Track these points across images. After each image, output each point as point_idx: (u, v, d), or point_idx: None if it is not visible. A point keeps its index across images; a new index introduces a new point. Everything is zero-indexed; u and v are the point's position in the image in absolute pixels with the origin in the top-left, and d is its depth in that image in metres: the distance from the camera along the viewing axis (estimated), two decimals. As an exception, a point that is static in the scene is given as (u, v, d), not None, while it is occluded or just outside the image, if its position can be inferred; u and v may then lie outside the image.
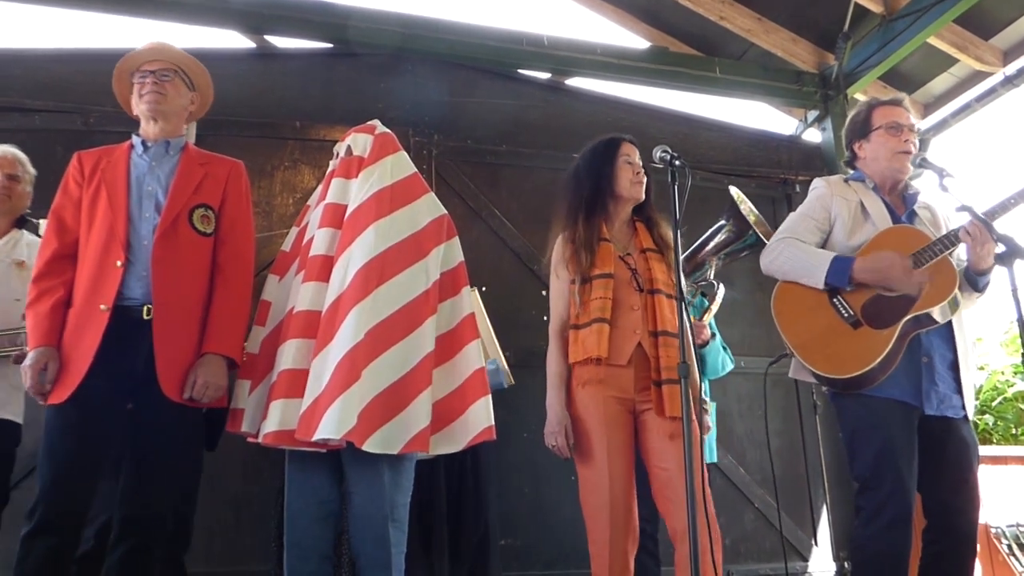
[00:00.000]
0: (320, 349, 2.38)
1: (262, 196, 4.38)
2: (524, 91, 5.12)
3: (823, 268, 2.55)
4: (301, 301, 2.46)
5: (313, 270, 2.48)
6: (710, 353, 3.37)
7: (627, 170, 2.72)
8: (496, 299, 4.25)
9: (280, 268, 2.61)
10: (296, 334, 2.41)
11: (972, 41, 5.11)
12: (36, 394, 2.35)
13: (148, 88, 2.60)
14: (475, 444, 2.59)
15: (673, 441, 2.44)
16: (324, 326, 2.40)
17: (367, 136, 2.71)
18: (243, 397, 2.45)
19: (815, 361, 2.54)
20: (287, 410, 2.33)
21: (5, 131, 3.60)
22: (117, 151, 2.60)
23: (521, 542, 4.29)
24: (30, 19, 15.92)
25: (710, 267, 3.45)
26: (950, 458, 2.49)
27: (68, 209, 2.51)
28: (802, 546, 4.77)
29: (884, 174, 2.71)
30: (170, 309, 2.41)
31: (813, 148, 5.65)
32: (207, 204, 2.55)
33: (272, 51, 4.76)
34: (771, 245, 2.70)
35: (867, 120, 2.75)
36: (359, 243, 2.49)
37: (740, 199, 3.34)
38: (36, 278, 2.44)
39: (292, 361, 2.38)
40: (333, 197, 2.59)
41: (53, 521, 2.26)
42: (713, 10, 5.32)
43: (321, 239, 2.51)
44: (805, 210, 2.74)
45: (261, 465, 3.78)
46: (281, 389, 2.37)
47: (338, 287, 2.44)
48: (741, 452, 4.84)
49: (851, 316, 2.53)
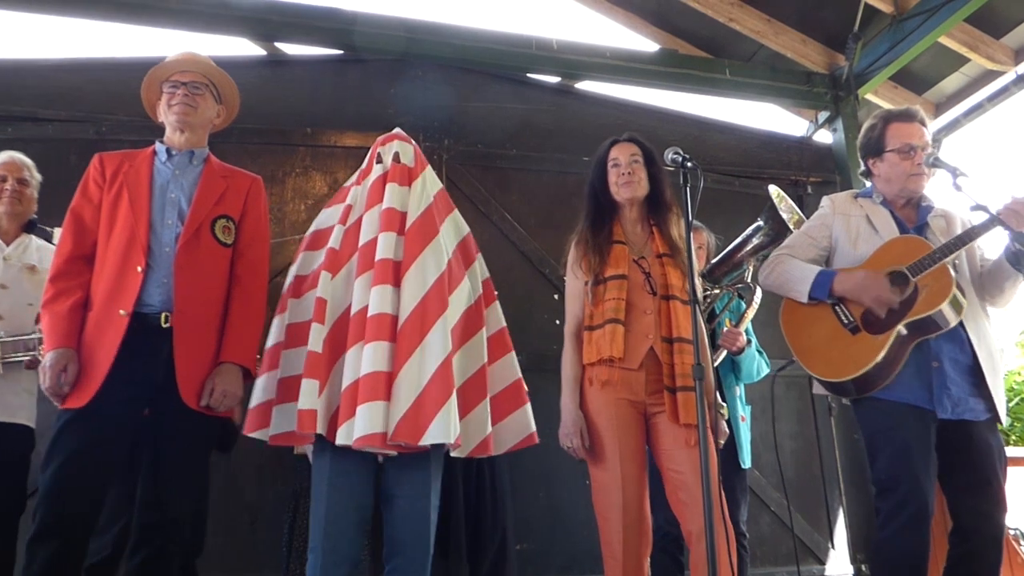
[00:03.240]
0: (408, 354, 2.38)
1: (274, 203, 4.39)
2: (534, 95, 5.13)
3: (808, 282, 2.68)
4: (374, 304, 2.44)
5: (381, 273, 2.47)
6: (745, 360, 3.32)
7: (613, 173, 2.74)
8: (507, 303, 4.20)
9: (333, 266, 2.57)
10: (374, 336, 2.40)
11: (983, 40, 5.09)
12: (53, 395, 2.33)
13: (179, 99, 2.61)
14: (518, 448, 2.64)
15: (687, 445, 2.44)
16: (409, 332, 2.41)
17: (409, 145, 2.74)
18: (312, 397, 2.40)
19: (815, 366, 2.65)
20: (373, 412, 2.32)
21: (19, 140, 3.63)
22: (140, 156, 2.60)
23: (536, 546, 4.28)
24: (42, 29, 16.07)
25: (748, 268, 3.42)
26: (973, 461, 2.48)
27: (87, 210, 2.51)
28: (819, 549, 4.74)
29: (896, 195, 2.74)
30: (190, 317, 2.42)
31: (824, 149, 5.63)
32: (228, 215, 2.59)
33: (282, 58, 4.79)
34: (768, 261, 2.85)
35: (881, 138, 2.76)
36: (431, 254, 2.51)
37: (780, 198, 3.29)
38: (53, 277, 2.43)
39: (373, 364, 2.37)
40: (393, 202, 2.58)
41: (55, 524, 2.23)
42: (722, 12, 5.32)
43: (386, 243, 2.51)
44: (806, 228, 2.87)
45: (275, 470, 3.79)
46: (365, 392, 2.35)
47: (418, 295, 2.45)
48: (756, 455, 4.79)
49: (851, 322, 2.61)
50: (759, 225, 3.35)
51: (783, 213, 3.23)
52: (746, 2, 5.34)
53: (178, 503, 2.41)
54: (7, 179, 3.05)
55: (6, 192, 3.04)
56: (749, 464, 3.40)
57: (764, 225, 3.32)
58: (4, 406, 2.83)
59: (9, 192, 3.04)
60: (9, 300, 2.91)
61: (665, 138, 4.76)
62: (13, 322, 2.86)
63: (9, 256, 2.99)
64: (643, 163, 2.74)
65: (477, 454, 2.50)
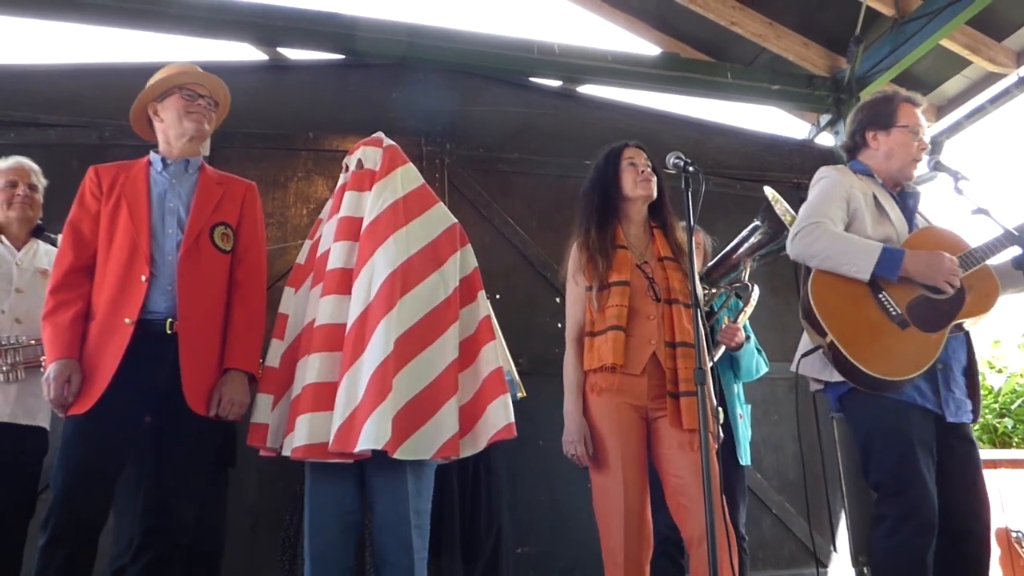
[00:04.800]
0: (351, 362, 2.40)
1: (276, 208, 4.40)
2: (535, 99, 5.13)
3: (871, 258, 2.40)
4: (322, 315, 2.48)
5: (332, 283, 2.51)
6: (744, 356, 3.32)
7: (631, 171, 2.74)
8: (509, 306, 4.26)
9: (296, 281, 2.63)
10: (320, 347, 2.43)
11: (985, 43, 5.08)
12: (58, 406, 2.37)
13: (199, 109, 2.66)
14: (495, 442, 2.60)
15: (689, 449, 2.44)
16: (353, 339, 2.43)
17: (376, 149, 2.74)
18: (265, 411, 2.46)
19: (863, 357, 2.37)
20: (315, 423, 2.35)
21: (21, 146, 3.64)
22: (135, 167, 2.63)
23: (538, 550, 4.28)
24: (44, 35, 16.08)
25: (745, 268, 3.42)
26: (963, 462, 2.45)
27: (85, 222, 2.54)
28: (821, 552, 4.73)
29: (892, 174, 2.67)
30: (194, 323, 2.45)
31: (826, 152, 5.63)
32: (226, 223, 2.62)
33: (284, 63, 4.79)
34: (804, 228, 2.51)
35: (893, 114, 2.66)
36: (381, 255, 2.51)
37: (775, 199, 3.28)
38: (53, 289, 2.47)
39: (317, 375, 2.40)
40: (347, 210, 2.61)
41: (68, 531, 2.27)
42: (724, 15, 5.32)
43: (338, 252, 2.54)
44: (828, 195, 2.56)
45: (276, 476, 3.79)
46: (307, 403, 2.38)
47: (364, 300, 2.46)
48: (758, 457, 4.80)
49: (898, 315, 2.42)
50: (756, 225, 3.36)
51: (779, 213, 3.24)
52: (747, 5, 5.35)
53: (184, 508, 2.42)
54: (18, 184, 3.09)
55: (18, 198, 3.07)
56: (748, 461, 3.38)
57: (761, 224, 3.33)
58: (25, 409, 2.87)
59: (21, 198, 3.08)
60: (26, 304, 2.95)
61: (667, 142, 4.75)
62: (31, 325, 2.89)
63: (21, 261, 3.03)
64: (651, 169, 2.76)
65: (442, 455, 2.46)
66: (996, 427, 7.11)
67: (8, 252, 3.03)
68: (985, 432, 7.09)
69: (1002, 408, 7.28)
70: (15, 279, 2.98)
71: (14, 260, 3.01)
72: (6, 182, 3.08)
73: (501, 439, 2.59)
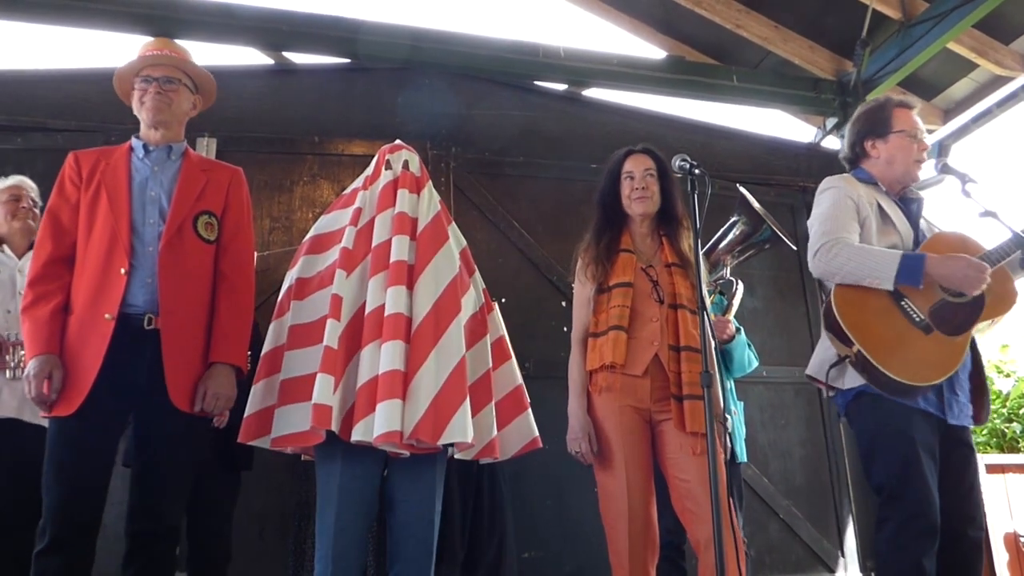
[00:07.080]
0: (425, 355, 2.40)
1: (282, 211, 4.41)
2: (540, 102, 5.13)
3: (892, 267, 2.40)
4: (391, 304, 2.45)
5: (398, 275, 2.49)
6: (736, 348, 3.30)
7: (626, 186, 2.74)
8: (515, 310, 4.25)
9: (348, 265, 2.58)
10: (391, 336, 2.41)
11: (992, 46, 5.08)
12: (40, 403, 2.28)
13: (151, 96, 2.53)
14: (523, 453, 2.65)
15: (694, 453, 2.44)
16: (424, 332, 2.43)
17: (416, 157, 2.78)
18: (327, 392, 2.39)
19: (892, 365, 2.36)
20: (393, 411, 2.32)
21: (29, 151, 3.66)
22: (116, 153, 2.53)
23: (544, 554, 4.27)
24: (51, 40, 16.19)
25: (725, 266, 3.43)
26: (961, 466, 2.45)
27: (64, 210, 2.43)
28: (828, 557, 4.71)
29: (895, 179, 2.65)
30: (177, 317, 2.36)
31: (832, 155, 5.60)
32: (210, 211, 2.51)
33: (290, 67, 4.81)
34: (823, 247, 2.49)
35: (888, 120, 2.67)
36: (443, 258, 2.56)
37: (749, 196, 3.32)
38: (32, 281, 2.37)
39: (392, 362, 2.38)
40: (405, 207, 2.61)
41: (65, 539, 2.20)
42: (729, 19, 5.32)
43: (400, 246, 2.53)
44: (840, 207, 2.55)
45: (283, 479, 3.79)
46: (386, 390, 2.35)
47: (432, 295, 2.49)
48: (764, 462, 4.79)
49: (922, 321, 2.42)
50: (734, 220, 3.35)
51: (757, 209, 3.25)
52: (753, 8, 5.34)
53: (171, 510, 2.34)
54: (22, 198, 3.27)
55: (22, 210, 3.25)
56: (744, 458, 3.39)
57: (739, 219, 3.33)
58: (32, 407, 2.86)
59: (25, 209, 3.26)
60: None
61: (672, 145, 4.72)
62: None
63: (23, 268, 3.09)
64: (656, 177, 2.74)
65: (484, 456, 2.50)
66: (1004, 432, 7.07)
67: (10, 260, 3.20)
68: (993, 437, 7.06)
69: (1010, 413, 7.25)
70: (19, 284, 3.07)
71: (16, 267, 3.16)
72: (10, 196, 3.27)
73: (531, 450, 2.61)
